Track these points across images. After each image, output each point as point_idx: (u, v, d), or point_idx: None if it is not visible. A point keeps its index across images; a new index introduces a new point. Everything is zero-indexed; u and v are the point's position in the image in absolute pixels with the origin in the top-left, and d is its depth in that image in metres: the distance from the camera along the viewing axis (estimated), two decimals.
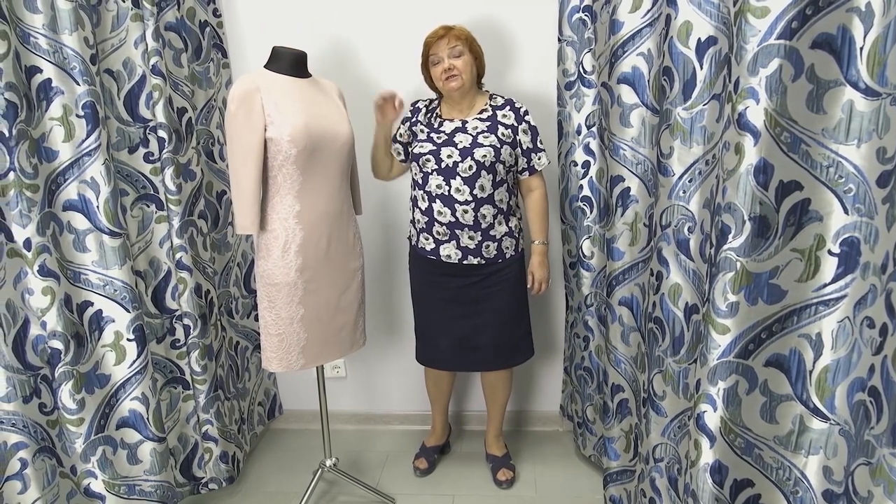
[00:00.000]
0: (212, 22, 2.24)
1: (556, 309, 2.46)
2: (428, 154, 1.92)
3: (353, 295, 1.94)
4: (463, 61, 1.88)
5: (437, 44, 1.89)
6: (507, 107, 1.98)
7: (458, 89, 1.90)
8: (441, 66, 1.89)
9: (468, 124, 1.94)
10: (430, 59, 1.92)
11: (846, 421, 1.16)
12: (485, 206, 1.92)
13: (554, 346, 2.51)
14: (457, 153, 1.89)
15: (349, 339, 1.97)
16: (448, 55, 1.88)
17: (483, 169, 1.89)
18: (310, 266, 1.79)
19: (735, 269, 1.20)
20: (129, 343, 1.81)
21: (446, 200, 1.91)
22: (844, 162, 1.11)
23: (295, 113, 1.70)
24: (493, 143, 1.90)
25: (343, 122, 1.86)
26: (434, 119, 2.00)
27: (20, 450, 1.62)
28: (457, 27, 1.90)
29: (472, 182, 1.89)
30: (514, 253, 2.02)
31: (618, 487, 1.98)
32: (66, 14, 1.62)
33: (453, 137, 1.92)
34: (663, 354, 1.57)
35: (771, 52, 1.10)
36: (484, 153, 1.88)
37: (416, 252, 2.05)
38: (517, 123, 1.95)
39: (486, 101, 1.99)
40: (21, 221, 1.59)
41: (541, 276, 2.04)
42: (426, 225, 1.97)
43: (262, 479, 2.36)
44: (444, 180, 1.91)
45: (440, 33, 1.89)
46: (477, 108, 1.98)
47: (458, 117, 1.97)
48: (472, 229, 1.93)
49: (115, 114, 1.84)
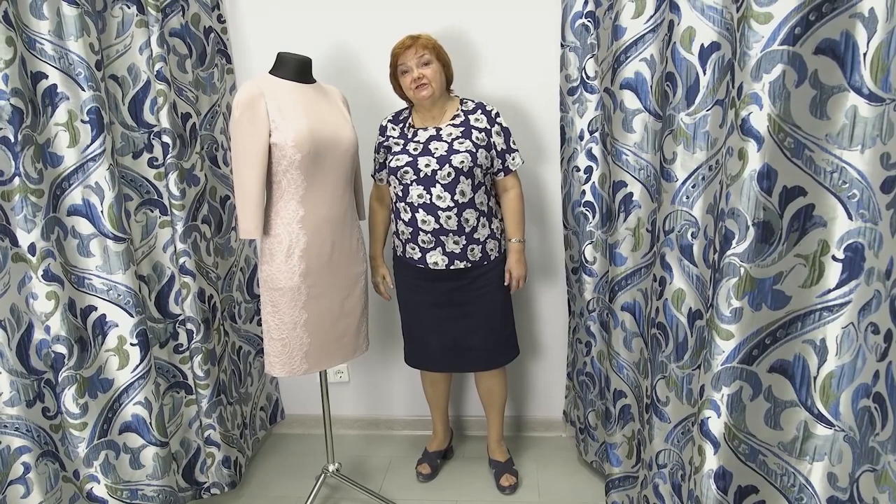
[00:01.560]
0: (216, 28, 2.25)
1: (557, 314, 2.45)
2: (405, 166, 1.92)
3: (355, 300, 1.94)
4: (432, 69, 1.89)
5: (404, 53, 1.90)
6: (478, 110, 1.99)
7: (429, 97, 1.90)
8: (410, 76, 1.89)
9: (442, 131, 1.95)
10: (399, 69, 1.93)
11: (851, 427, 1.15)
12: (467, 210, 1.93)
13: (556, 351, 2.51)
14: (434, 161, 1.90)
15: (352, 344, 1.97)
16: (416, 64, 1.88)
17: (462, 174, 1.90)
18: (313, 271, 1.79)
19: (739, 274, 1.20)
20: (132, 348, 1.82)
21: (429, 208, 1.92)
22: (848, 167, 1.11)
23: (299, 118, 1.70)
24: (469, 147, 1.91)
25: (347, 127, 1.86)
26: (407, 129, 2.00)
27: (23, 454, 1.62)
28: (423, 36, 1.91)
29: (453, 188, 1.90)
30: (497, 254, 2.04)
31: (620, 494, 1.97)
32: (71, 20, 1.63)
33: (429, 146, 1.93)
34: (667, 360, 1.57)
35: (774, 58, 1.10)
36: (461, 159, 1.89)
37: (407, 261, 2.05)
38: (490, 126, 1.96)
39: (458, 106, 2.00)
40: (26, 226, 1.59)
41: (518, 274, 2.05)
42: (411, 235, 1.98)
43: (265, 484, 2.36)
44: (424, 189, 1.91)
45: (407, 43, 1.89)
46: (449, 115, 1.98)
47: (432, 125, 1.98)
48: (456, 234, 1.94)
49: (120, 119, 1.85)
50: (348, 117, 1.92)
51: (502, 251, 2.06)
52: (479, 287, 2.02)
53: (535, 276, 2.42)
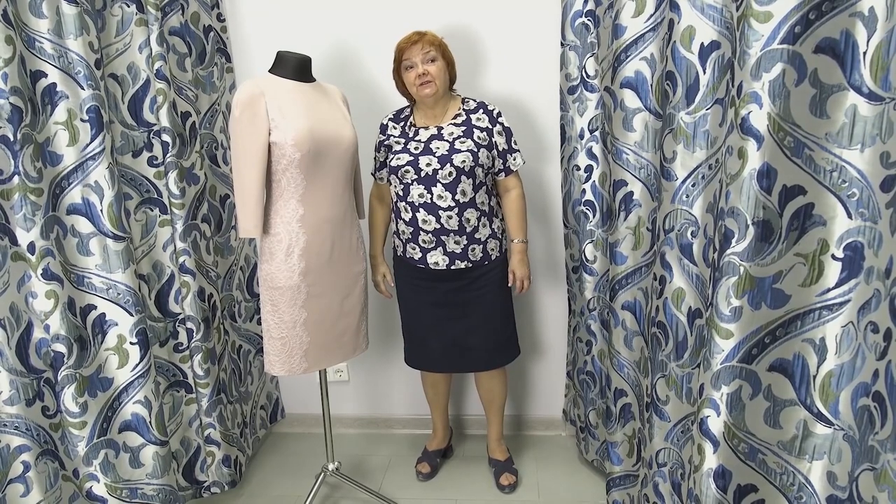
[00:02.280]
0: (216, 26, 2.24)
1: (558, 313, 2.45)
2: (406, 165, 1.92)
3: (355, 299, 1.94)
4: (436, 67, 1.88)
5: (410, 49, 1.88)
6: (479, 110, 1.98)
7: (432, 95, 1.89)
8: (415, 72, 1.88)
9: (444, 130, 1.94)
10: (403, 64, 1.91)
11: (850, 426, 1.15)
12: (468, 210, 1.92)
13: (556, 350, 2.51)
14: (435, 161, 1.89)
15: (351, 344, 1.97)
16: (421, 60, 1.87)
17: (463, 174, 1.89)
18: (313, 270, 1.79)
19: (738, 273, 1.20)
20: (131, 346, 1.82)
21: (430, 208, 1.92)
22: (848, 166, 1.11)
23: (299, 117, 1.70)
24: (471, 147, 1.91)
25: (346, 126, 1.86)
26: (408, 128, 2.00)
27: (23, 453, 1.62)
28: (429, 33, 1.90)
29: (454, 188, 1.89)
30: (498, 254, 2.03)
31: (621, 492, 1.98)
32: (71, 19, 1.62)
33: (430, 145, 1.92)
34: (666, 359, 1.57)
35: (774, 57, 1.10)
36: (463, 159, 1.88)
37: (407, 261, 2.05)
38: (491, 126, 1.96)
39: (459, 105, 1.99)
40: (25, 225, 1.59)
41: (522, 274, 2.04)
42: (412, 235, 1.97)
43: (265, 483, 2.36)
44: (425, 189, 1.91)
45: (413, 38, 1.88)
46: (451, 114, 1.98)
47: (433, 124, 1.97)
48: (457, 234, 1.94)
49: (120, 118, 1.85)
50: (348, 116, 1.91)
51: (503, 251, 2.06)
52: (479, 287, 2.02)
53: (535, 274, 2.42)
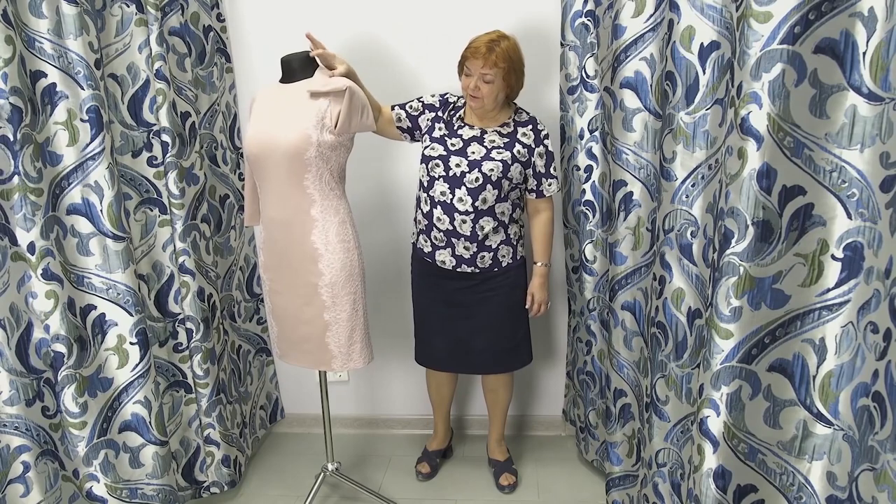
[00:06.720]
0: (215, 26, 2.24)
1: (557, 313, 2.45)
2: (437, 158, 1.92)
3: (315, 312, 1.79)
4: (489, 88, 1.83)
5: (473, 60, 1.83)
6: (529, 125, 1.95)
7: (478, 108, 1.90)
8: (470, 81, 1.85)
9: (486, 135, 1.93)
10: (465, 64, 1.87)
11: (850, 426, 1.15)
12: (484, 217, 1.91)
13: (556, 350, 2.51)
14: (465, 163, 1.88)
15: (316, 354, 1.84)
16: (479, 76, 1.83)
17: (489, 183, 1.88)
18: (270, 266, 1.87)
19: (738, 273, 1.20)
20: (131, 347, 1.82)
21: (447, 208, 1.91)
22: (848, 167, 1.11)
23: (255, 123, 1.81)
24: (506, 158, 1.88)
25: (295, 129, 1.68)
26: (455, 119, 1.98)
27: (23, 453, 1.62)
28: (499, 49, 1.80)
29: (476, 194, 1.89)
30: (511, 261, 2.00)
31: (620, 492, 1.98)
32: (70, 19, 1.62)
33: (467, 147, 1.91)
34: (666, 359, 1.57)
35: (774, 57, 1.10)
36: (492, 167, 1.87)
37: (417, 252, 2.06)
38: (535, 145, 1.93)
39: (511, 114, 1.96)
40: (25, 225, 1.59)
41: (541, 298, 2.03)
42: (425, 227, 1.98)
43: (264, 483, 2.36)
44: (448, 188, 1.90)
45: (482, 51, 1.80)
46: (499, 120, 1.95)
47: (479, 125, 1.95)
48: (468, 240, 1.93)
49: (119, 118, 1.85)
50: (318, 116, 1.69)
51: (518, 258, 2.03)
52: (485, 290, 2.01)
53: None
